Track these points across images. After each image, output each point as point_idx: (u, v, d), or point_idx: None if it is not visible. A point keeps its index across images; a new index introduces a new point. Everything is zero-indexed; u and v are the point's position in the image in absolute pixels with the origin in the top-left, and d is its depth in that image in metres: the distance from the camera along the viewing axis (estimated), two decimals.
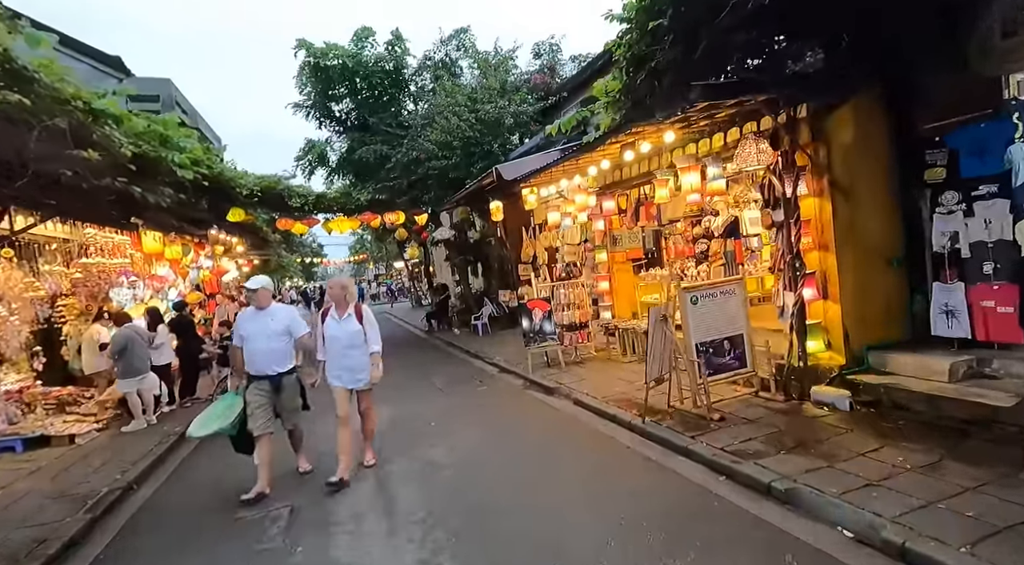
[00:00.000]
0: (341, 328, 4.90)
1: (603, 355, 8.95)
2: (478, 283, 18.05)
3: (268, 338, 4.67)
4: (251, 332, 4.70)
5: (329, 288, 5.32)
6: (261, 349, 4.67)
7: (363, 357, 4.94)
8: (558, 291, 8.89)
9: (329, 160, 15.96)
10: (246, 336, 4.70)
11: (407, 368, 10.43)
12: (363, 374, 4.98)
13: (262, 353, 4.68)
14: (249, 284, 4.85)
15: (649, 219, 8.12)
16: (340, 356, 4.91)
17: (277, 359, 4.73)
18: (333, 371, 4.95)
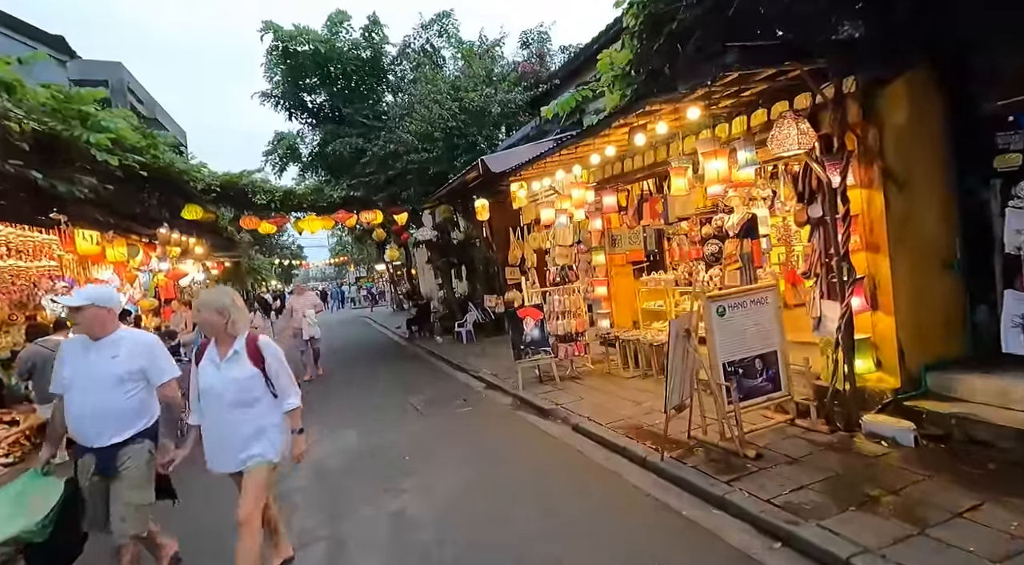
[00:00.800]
0: (221, 375, 3.06)
1: (600, 368, 8.04)
2: (462, 287, 17.07)
3: (101, 386, 2.96)
4: (74, 376, 2.99)
5: (197, 311, 3.31)
6: (89, 404, 2.95)
7: (257, 421, 3.09)
8: (551, 297, 7.96)
9: (301, 155, 14.82)
10: (68, 382, 3.00)
11: (382, 383, 9.40)
12: (255, 449, 3.07)
13: (92, 410, 2.95)
14: (68, 300, 3.24)
15: (654, 217, 7.23)
16: (218, 421, 3.08)
17: (115, 421, 2.99)
18: (210, 445, 3.13)
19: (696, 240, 8.23)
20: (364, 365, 11.67)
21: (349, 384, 9.45)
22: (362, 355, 13.32)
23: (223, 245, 15.16)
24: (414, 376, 9.87)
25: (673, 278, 7.57)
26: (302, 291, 10.13)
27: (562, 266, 8.27)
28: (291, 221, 11.93)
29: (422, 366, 10.99)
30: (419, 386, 8.86)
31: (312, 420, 7.18)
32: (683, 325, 4.49)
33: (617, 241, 8.34)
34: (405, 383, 9.20)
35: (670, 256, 8.58)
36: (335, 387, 9.35)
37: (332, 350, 14.51)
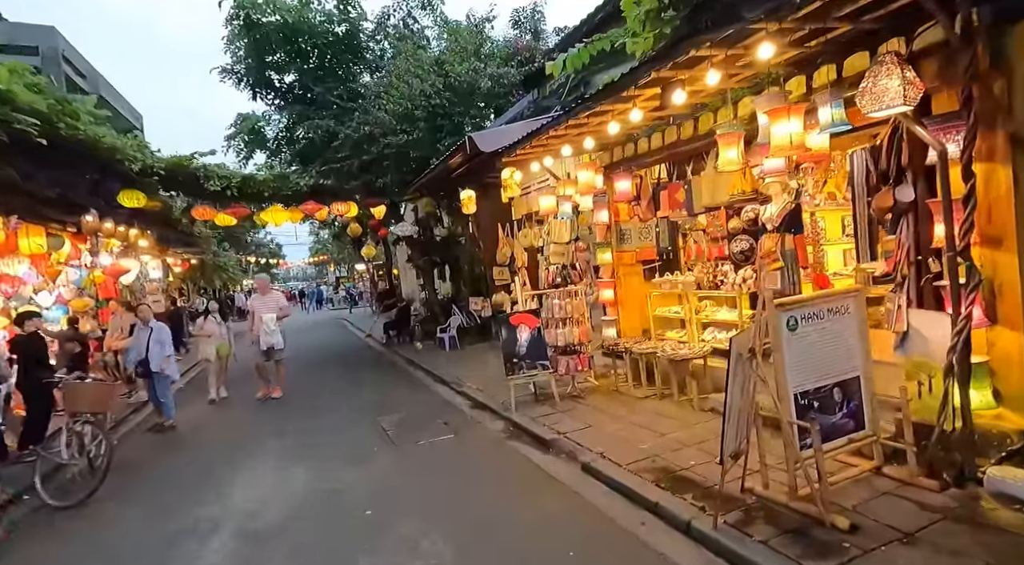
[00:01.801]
0: None
1: (606, 384, 6.86)
2: (446, 288, 15.79)
3: None
4: None
5: None
6: None
7: None
8: (549, 302, 6.75)
9: (267, 139, 13.35)
10: None
11: (350, 398, 8.08)
12: None
13: None
14: None
15: (674, 207, 6.07)
16: None
17: None
18: None
19: (718, 236, 7.09)
20: (333, 376, 10.33)
21: (312, 401, 8.10)
22: (333, 363, 11.96)
23: (180, 239, 13.66)
24: (388, 390, 8.58)
25: (694, 280, 6.42)
26: (265, 289, 8.38)
27: (564, 265, 7.05)
28: (253, 212, 10.55)
29: (399, 377, 9.70)
30: (393, 403, 7.58)
31: (257, 451, 5.89)
32: (747, 343, 3.31)
33: (626, 236, 7.18)
34: (377, 399, 7.90)
35: (686, 255, 7.44)
36: (295, 405, 8.02)
37: (300, 357, 13.11)
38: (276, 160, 13.41)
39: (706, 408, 5.38)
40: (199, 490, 4.87)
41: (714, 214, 7.11)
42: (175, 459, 5.96)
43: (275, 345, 7.97)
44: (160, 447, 6.46)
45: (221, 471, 5.34)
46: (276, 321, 7.88)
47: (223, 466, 5.47)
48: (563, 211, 6.35)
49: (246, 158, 13.75)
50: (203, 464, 5.64)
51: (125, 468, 5.56)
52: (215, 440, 6.52)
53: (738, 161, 4.01)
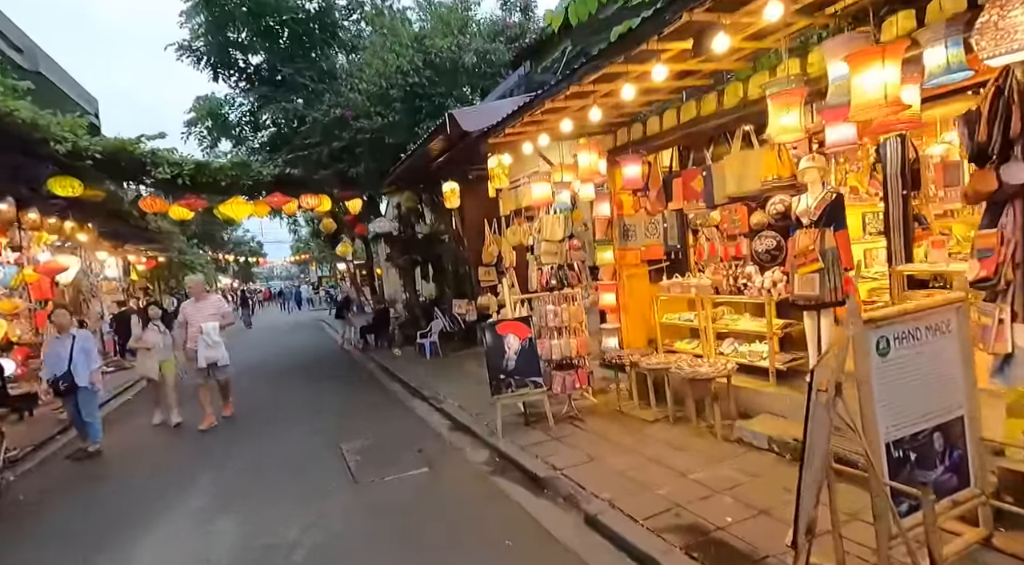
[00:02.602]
0: None
1: (606, 402, 5.95)
2: (429, 290, 14.79)
3: None
4: None
5: None
6: None
7: None
8: (543, 307, 5.81)
9: (231, 125, 12.16)
10: None
11: (313, 416, 7.03)
12: None
13: None
14: None
15: (690, 198, 5.16)
16: None
17: None
18: None
19: (735, 233, 6.22)
20: (299, 388, 9.28)
21: (267, 422, 7.00)
22: (301, 372, 10.90)
23: (137, 235, 12.48)
24: (358, 406, 7.57)
25: (710, 283, 5.52)
26: (201, 294, 6.76)
27: (560, 265, 6.12)
28: (211, 205, 9.46)
29: (372, 390, 8.68)
30: (362, 423, 6.58)
31: (187, 490, 4.77)
32: (832, 374, 2.38)
33: (630, 232, 6.27)
34: (344, 419, 6.89)
35: (697, 254, 6.56)
36: (246, 428, 6.94)
37: (266, 365, 12.04)
38: (241, 149, 12.27)
39: (732, 438, 4.47)
40: (98, 548, 3.84)
41: (731, 208, 6.23)
42: (85, 499, 4.88)
43: (218, 360, 6.57)
44: (73, 481, 5.38)
45: (135, 518, 4.30)
46: (219, 331, 6.52)
47: (139, 511, 4.43)
48: (560, 201, 5.40)
49: (211, 147, 12.62)
50: (115, 508, 4.59)
51: (17, 512, 4.51)
52: (141, 474, 5.43)
53: (798, 127, 3.09)
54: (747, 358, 5.10)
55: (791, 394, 4.55)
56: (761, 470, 3.86)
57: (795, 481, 2.38)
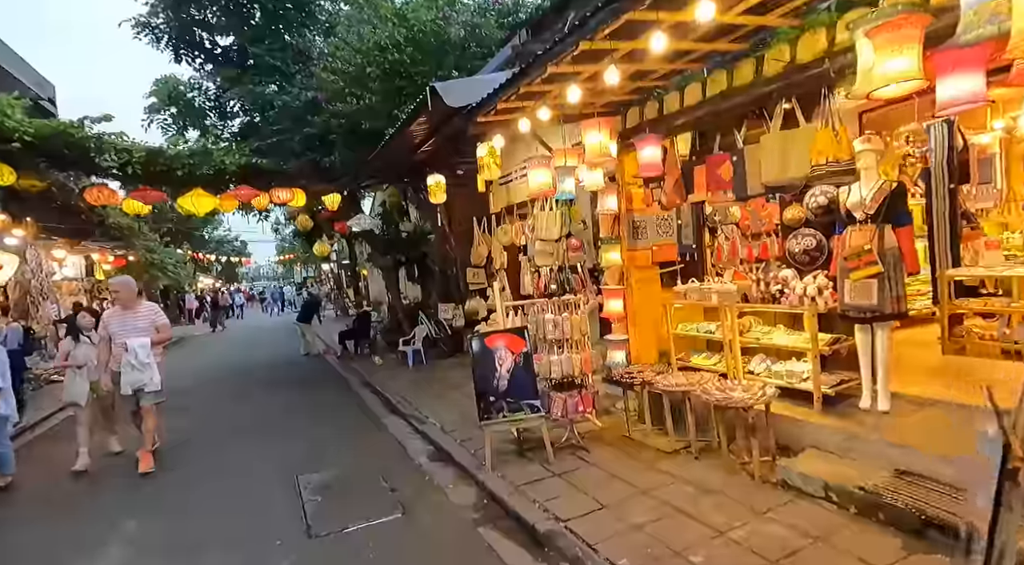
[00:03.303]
0: None
1: (614, 426, 5.14)
2: (415, 292, 13.90)
3: None
4: None
5: None
6: None
7: None
8: (541, 317, 4.97)
9: (200, 114, 11.08)
10: None
11: (271, 442, 6.06)
12: None
13: None
14: None
15: (717, 188, 4.34)
16: None
17: None
18: None
19: (759, 231, 5.45)
20: (262, 401, 8.35)
21: (215, 452, 5.95)
22: (268, 382, 9.96)
23: (93, 231, 11.44)
24: (327, 425, 6.67)
25: (737, 289, 4.71)
26: (129, 300, 5.17)
27: (560, 267, 5.29)
28: (167, 197, 8.49)
29: (346, 405, 7.78)
30: (328, 448, 5.69)
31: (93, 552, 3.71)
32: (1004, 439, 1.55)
33: (640, 230, 5.45)
34: (308, 442, 5.98)
35: (715, 255, 5.77)
36: (194, 450, 6.05)
37: (231, 372, 11.07)
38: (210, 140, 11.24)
39: (773, 479, 3.66)
40: None
41: (755, 203, 5.45)
42: None
43: (144, 386, 5.05)
44: None
45: None
46: (150, 350, 5.04)
47: None
48: (563, 190, 4.54)
49: (178, 136, 11.61)
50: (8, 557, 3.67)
51: None
52: (43, 522, 4.39)
53: (916, 72, 2.26)
54: (783, 379, 4.30)
55: (843, 426, 3.75)
56: (821, 529, 3.04)
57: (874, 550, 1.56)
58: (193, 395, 9.14)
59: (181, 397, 8.87)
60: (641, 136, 4.20)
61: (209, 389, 9.68)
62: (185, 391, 9.52)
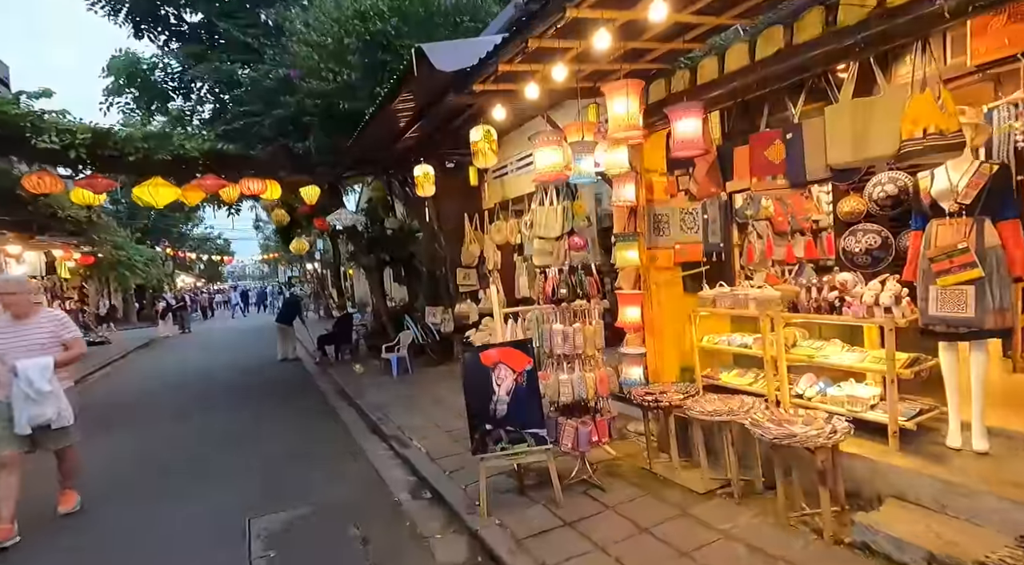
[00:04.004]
0: None
1: (629, 453, 4.37)
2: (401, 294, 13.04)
3: None
4: None
5: None
6: None
7: None
8: (547, 327, 4.16)
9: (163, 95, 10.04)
10: None
11: (225, 466, 5.15)
12: None
13: None
14: None
15: (762, 172, 3.56)
16: None
17: None
18: None
19: (806, 227, 4.71)
20: (223, 417, 7.44)
21: (161, 472, 5.22)
22: (235, 393, 9.05)
23: (48, 225, 10.43)
24: (294, 448, 5.79)
25: (779, 296, 3.94)
26: (20, 306, 3.81)
27: (572, 267, 4.50)
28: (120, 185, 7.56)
29: (319, 422, 6.90)
30: (292, 479, 4.83)
31: None
32: None
33: (662, 225, 4.66)
34: (269, 471, 5.11)
35: (747, 255, 5.01)
36: (134, 480, 5.17)
37: (194, 381, 10.10)
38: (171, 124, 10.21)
39: (847, 540, 2.88)
40: None
41: (794, 195, 4.70)
42: None
43: (51, 420, 3.79)
44: None
45: None
46: (52, 373, 3.74)
47: None
48: (580, 172, 3.69)
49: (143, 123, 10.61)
50: None
51: None
52: None
53: None
54: (843, 406, 3.53)
55: (932, 470, 2.98)
56: None
57: None
58: (142, 410, 8.22)
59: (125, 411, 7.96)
60: (678, 105, 3.40)
61: (163, 401, 8.75)
62: (131, 405, 8.61)
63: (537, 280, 6.80)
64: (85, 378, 11.69)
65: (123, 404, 8.79)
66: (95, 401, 9.31)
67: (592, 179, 3.59)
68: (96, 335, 17.47)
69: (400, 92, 4.67)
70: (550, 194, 7.03)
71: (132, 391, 9.96)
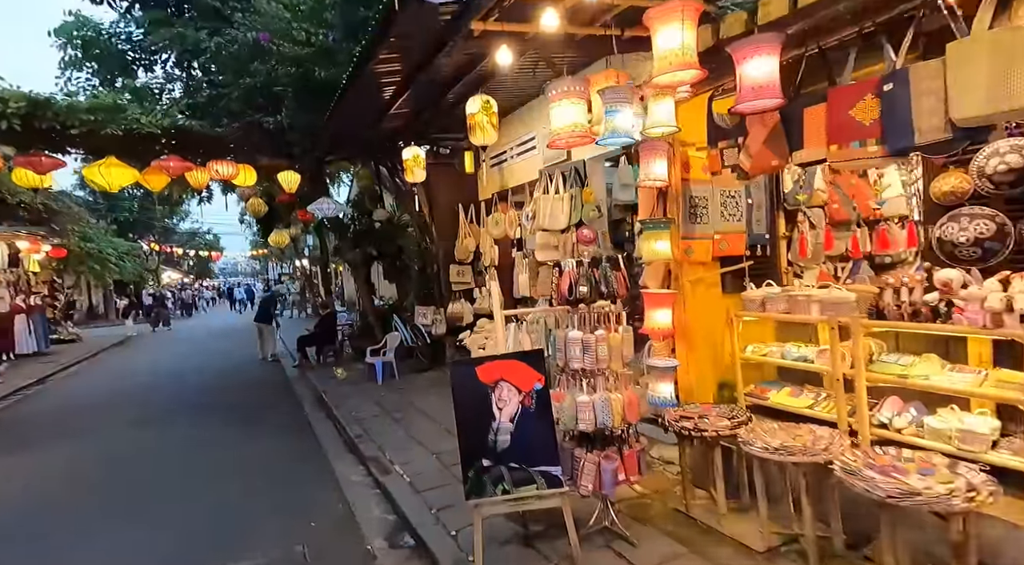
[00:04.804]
0: None
1: (655, 486, 3.55)
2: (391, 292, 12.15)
3: None
4: None
5: None
6: None
7: None
8: (561, 334, 3.29)
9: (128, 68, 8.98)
10: None
11: (168, 498, 4.26)
12: None
13: None
14: None
15: (845, 138, 2.71)
16: None
17: None
18: None
19: (874, 216, 3.89)
20: (182, 432, 6.55)
21: (85, 506, 4.37)
22: (200, 401, 8.15)
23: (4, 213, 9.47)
24: (254, 473, 4.91)
25: (855, 298, 3.11)
26: None
27: (594, 260, 3.65)
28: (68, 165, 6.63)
29: (290, 439, 6.01)
30: (247, 515, 3.96)
31: None
32: None
33: (699, 211, 3.83)
34: (220, 506, 4.23)
35: (800, 249, 4.20)
36: (52, 519, 4.29)
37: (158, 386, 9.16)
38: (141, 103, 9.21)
39: None
40: None
41: (854, 179, 3.90)
42: None
43: None
44: None
45: None
46: None
47: None
48: (614, 128, 2.75)
49: None
50: None
51: None
52: None
53: None
54: (950, 443, 2.70)
55: None
56: None
57: None
58: (95, 415, 7.32)
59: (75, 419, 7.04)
60: (746, 41, 2.55)
61: (123, 406, 7.85)
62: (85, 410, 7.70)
63: (550, 275, 5.98)
64: (44, 380, 10.79)
65: (76, 409, 7.90)
66: (45, 406, 8.43)
67: (631, 139, 2.70)
68: (66, 333, 16.49)
69: (383, 41, 3.81)
70: (555, 181, 6.22)
71: (92, 394, 9.05)
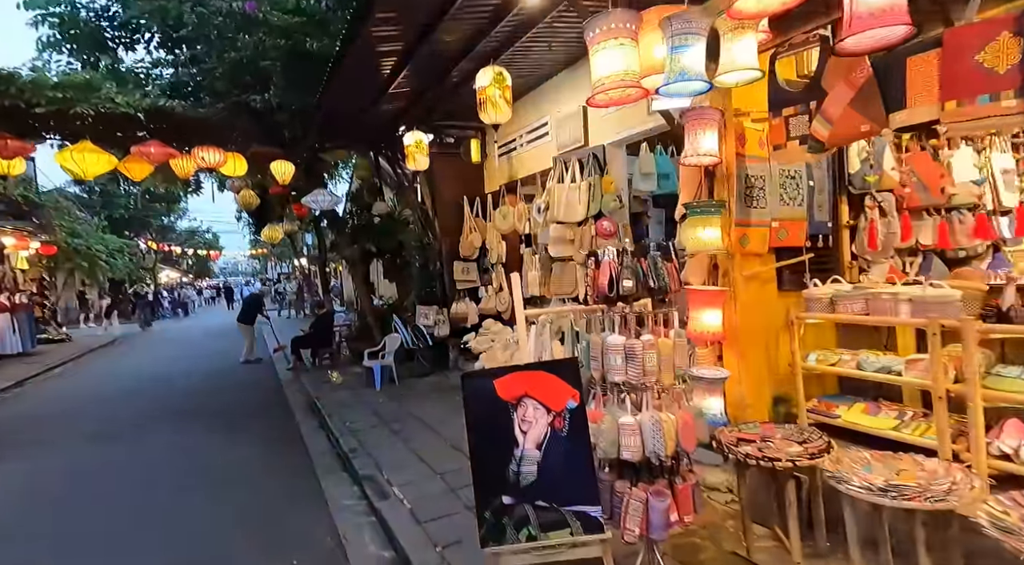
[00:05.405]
0: None
1: (704, 522, 2.92)
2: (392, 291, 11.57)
3: None
4: None
5: None
6: None
7: None
8: (597, 340, 2.68)
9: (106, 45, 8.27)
10: None
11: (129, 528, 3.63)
12: None
13: None
14: None
15: (970, 90, 2.12)
16: None
17: None
18: None
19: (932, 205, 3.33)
20: (160, 444, 5.94)
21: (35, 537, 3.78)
22: (189, 405, 7.55)
23: None
24: (235, 493, 4.30)
25: (959, 296, 2.51)
26: None
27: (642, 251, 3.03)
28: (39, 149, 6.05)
29: (275, 453, 5.39)
30: (219, 552, 3.36)
31: None
32: None
33: (756, 193, 3.24)
34: (189, 538, 3.63)
35: (869, 239, 3.60)
36: None
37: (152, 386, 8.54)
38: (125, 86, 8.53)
39: None
40: None
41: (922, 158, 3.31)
42: None
43: None
44: None
45: None
46: None
47: None
48: (683, 69, 2.12)
49: None
50: None
51: None
52: None
53: None
54: None
55: None
56: None
57: None
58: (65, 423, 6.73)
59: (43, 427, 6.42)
60: None
61: (100, 413, 7.27)
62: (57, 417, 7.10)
63: (570, 273, 5.40)
64: (23, 382, 10.21)
65: (49, 416, 7.32)
66: (19, 411, 7.85)
67: (706, 83, 2.07)
68: (56, 332, 15.93)
69: None
70: (572, 168, 5.62)
71: (70, 398, 8.48)
